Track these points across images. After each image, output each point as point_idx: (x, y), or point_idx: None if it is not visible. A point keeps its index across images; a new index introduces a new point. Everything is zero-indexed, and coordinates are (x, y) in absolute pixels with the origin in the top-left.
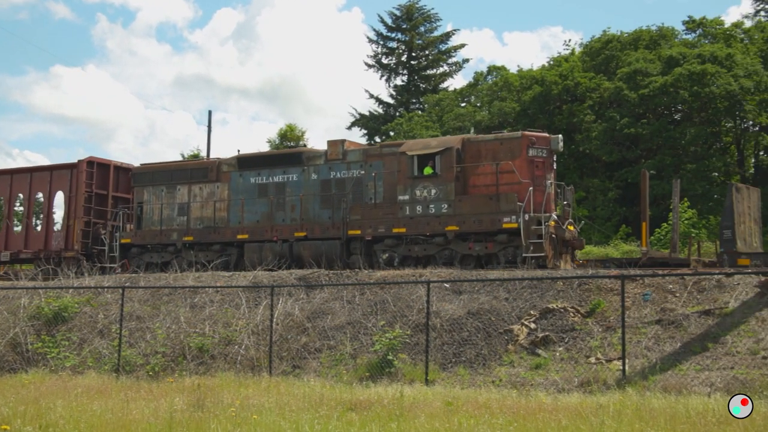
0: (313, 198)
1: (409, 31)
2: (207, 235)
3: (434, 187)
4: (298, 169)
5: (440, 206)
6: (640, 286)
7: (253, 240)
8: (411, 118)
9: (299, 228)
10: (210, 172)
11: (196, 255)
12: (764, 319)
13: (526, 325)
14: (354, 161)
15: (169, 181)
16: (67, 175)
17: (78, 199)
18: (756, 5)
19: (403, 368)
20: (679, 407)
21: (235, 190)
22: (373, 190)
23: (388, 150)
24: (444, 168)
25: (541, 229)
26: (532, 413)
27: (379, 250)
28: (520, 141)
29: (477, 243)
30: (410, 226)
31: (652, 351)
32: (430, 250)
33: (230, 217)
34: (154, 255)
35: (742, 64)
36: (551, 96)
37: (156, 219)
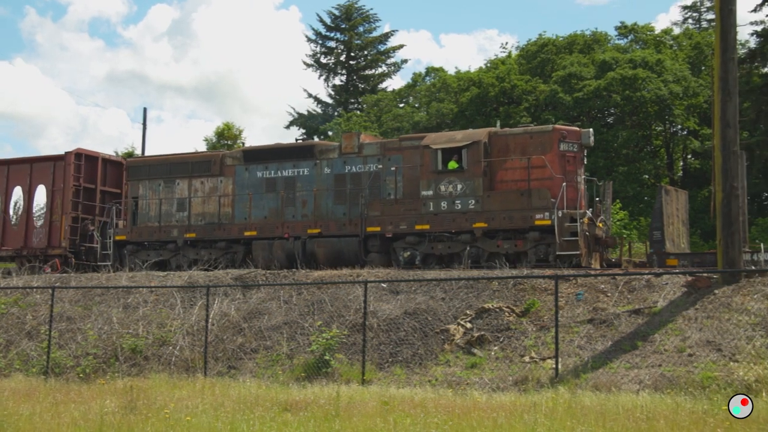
0: (327, 193)
1: (348, 31)
2: (211, 231)
3: (460, 182)
4: (309, 163)
5: (467, 202)
6: (574, 286)
7: (262, 237)
8: (349, 118)
9: (313, 224)
10: (213, 165)
11: (198, 253)
12: (691, 317)
13: (462, 325)
14: (371, 155)
15: (168, 174)
16: (50, 168)
17: (65, 193)
18: (684, 13)
19: (340, 368)
20: (609, 404)
21: (241, 184)
22: (392, 186)
23: (408, 143)
24: (471, 162)
25: (574, 226)
26: (467, 412)
27: (399, 247)
28: (552, 135)
29: (505, 240)
30: (434, 222)
31: (584, 349)
32: (454, 248)
33: (235, 213)
34: (151, 253)
35: (671, 69)
36: (488, 98)
37: (153, 215)
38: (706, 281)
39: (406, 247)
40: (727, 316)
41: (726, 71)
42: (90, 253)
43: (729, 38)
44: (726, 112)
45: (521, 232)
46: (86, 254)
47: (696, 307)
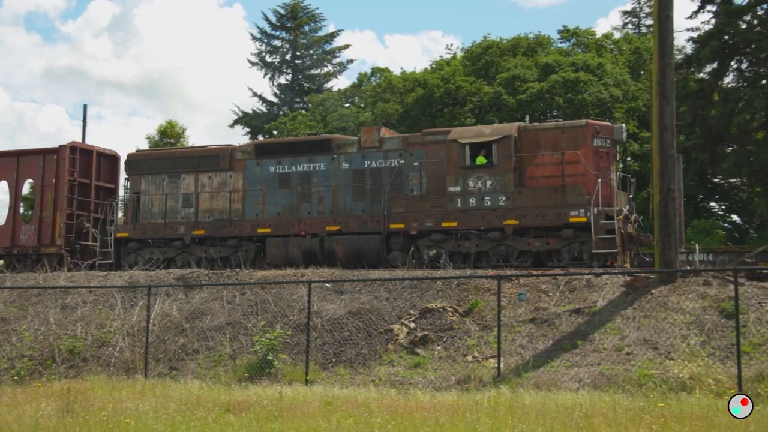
0: (345, 189)
1: (294, 30)
2: (221, 228)
3: (490, 178)
4: (326, 158)
5: (497, 198)
6: (516, 286)
7: (277, 234)
8: (295, 117)
9: (332, 221)
10: (221, 159)
11: (207, 250)
12: (629, 317)
13: (405, 325)
14: (392, 149)
15: (172, 169)
16: (38, 162)
17: (60, 188)
18: (624, 18)
19: (284, 368)
20: (550, 403)
21: (252, 179)
22: (415, 181)
23: (432, 138)
24: (501, 157)
25: (610, 223)
26: (410, 411)
27: (423, 245)
28: (585, 130)
29: (537, 238)
30: (462, 219)
31: (525, 349)
32: (483, 246)
33: (246, 209)
34: (155, 251)
35: (611, 73)
36: (433, 98)
37: (156, 211)
38: (643, 281)
39: (430, 245)
40: (664, 315)
41: (663, 76)
42: (86, 251)
43: (666, 44)
44: (663, 115)
45: (554, 230)
46: (82, 252)
47: (634, 307)
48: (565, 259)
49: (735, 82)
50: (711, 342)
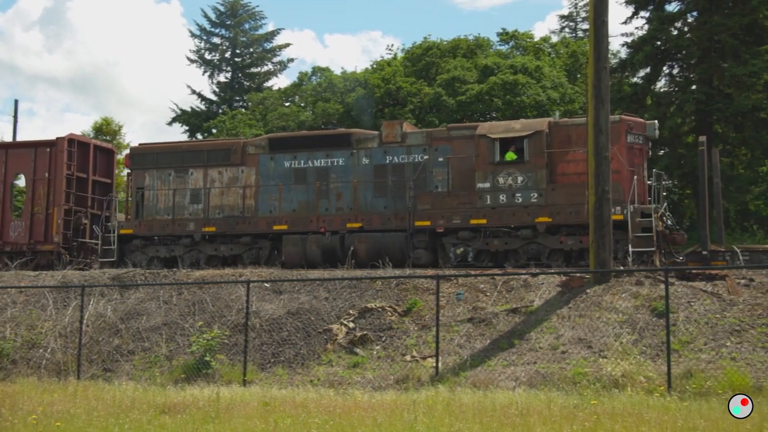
0: (365, 185)
1: (234, 27)
2: (234, 225)
3: (521, 174)
4: (345, 153)
5: (529, 195)
6: (454, 286)
7: (294, 231)
8: (234, 116)
9: (353, 218)
10: (233, 154)
11: (217, 248)
12: (564, 316)
13: (345, 325)
14: (415, 145)
15: (180, 163)
16: (30, 155)
17: (57, 183)
18: (561, 22)
19: (221, 369)
20: (487, 401)
21: (265, 175)
22: (440, 177)
23: (458, 133)
24: (533, 153)
25: (647, 221)
26: (348, 411)
27: (449, 243)
28: (619, 126)
29: (569, 236)
30: (492, 217)
31: (463, 348)
32: (512, 244)
33: (259, 205)
34: (161, 248)
35: (549, 76)
36: (374, 99)
37: (162, 207)
38: (579, 281)
39: (457, 242)
40: (598, 314)
41: (599, 80)
42: (83, 248)
43: (601, 48)
44: (598, 118)
45: (587, 228)
46: (79, 250)
47: (569, 306)
48: None
49: (667, 86)
50: (643, 340)
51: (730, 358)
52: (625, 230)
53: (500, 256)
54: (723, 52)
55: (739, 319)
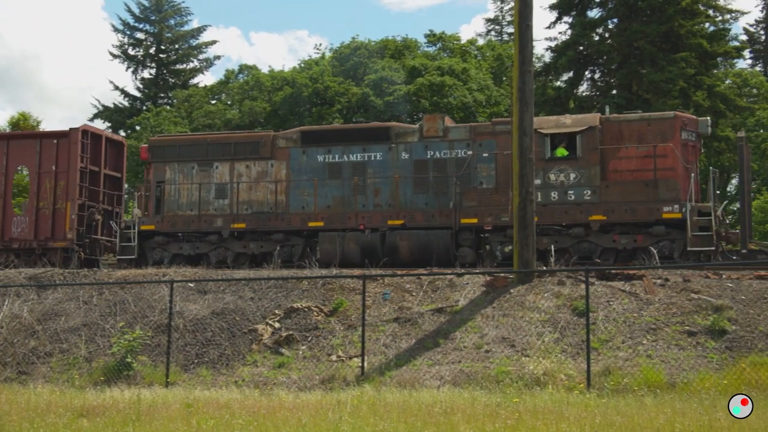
0: (405, 181)
1: (159, 23)
2: (265, 221)
3: (573, 171)
4: (383, 147)
5: (582, 192)
6: (381, 286)
7: (330, 228)
8: (159, 113)
9: (394, 215)
10: (262, 147)
11: (246, 245)
12: (488, 315)
13: (270, 325)
14: (458, 139)
15: (204, 156)
16: (34, 147)
17: (71, 176)
18: (488, 25)
19: (143, 371)
20: (411, 400)
21: (297, 169)
22: (484, 173)
23: (503, 128)
24: (586, 149)
25: (705, 220)
26: (272, 412)
27: (495, 241)
28: (673, 122)
29: (623, 235)
30: (543, 215)
31: (389, 348)
32: (563, 243)
33: (290, 201)
34: (185, 245)
35: (475, 78)
36: (301, 98)
37: (185, 202)
38: (503, 281)
39: (504, 240)
40: (521, 314)
41: (523, 83)
42: (95, 245)
43: (526, 52)
44: (523, 121)
45: (642, 227)
46: (91, 247)
47: (493, 306)
48: (656, 258)
49: (589, 90)
50: (564, 339)
51: (646, 355)
52: (682, 229)
53: (548, 255)
54: (641, 59)
55: (654, 317)
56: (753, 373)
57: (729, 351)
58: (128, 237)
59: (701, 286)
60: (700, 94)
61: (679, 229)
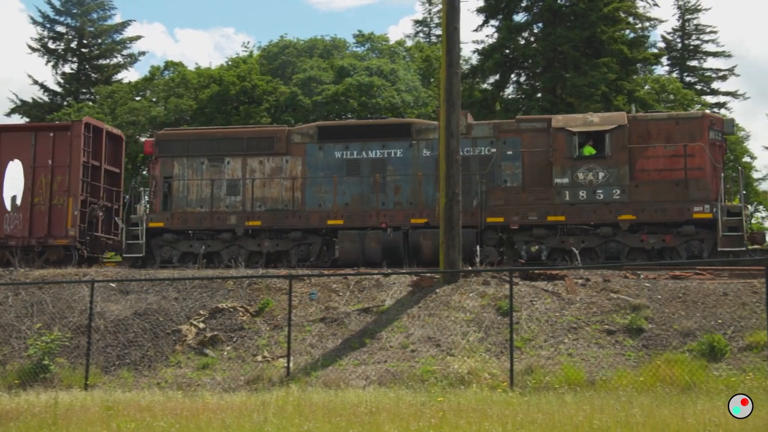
0: (426, 178)
1: (80, 17)
2: (282, 219)
3: (602, 170)
4: (404, 144)
5: (611, 192)
6: (308, 286)
7: (350, 227)
8: (80, 109)
9: (417, 213)
10: (276, 142)
11: (261, 244)
12: (414, 315)
13: (195, 325)
14: (482, 137)
15: (214, 151)
16: (28, 140)
17: (73, 171)
18: (416, 27)
19: (61, 373)
20: (337, 400)
21: (313, 165)
22: (509, 171)
23: (528, 125)
24: (615, 148)
25: (734, 220)
26: (196, 414)
27: (521, 241)
28: (701, 122)
29: (651, 235)
30: (571, 214)
31: (315, 348)
32: (590, 243)
33: (306, 198)
34: (195, 243)
35: (404, 79)
36: (229, 96)
37: (194, 198)
38: (429, 281)
39: (530, 240)
40: (447, 313)
41: (450, 84)
42: (96, 243)
43: (453, 54)
44: (450, 122)
45: (670, 227)
46: (92, 244)
47: (419, 306)
48: (683, 257)
49: (515, 93)
50: (488, 338)
51: (567, 354)
52: (711, 229)
53: (573, 254)
54: (565, 63)
55: (576, 317)
56: (667, 370)
57: (645, 349)
58: (135, 234)
59: (620, 285)
60: (620, 98)
61: (709, 229)
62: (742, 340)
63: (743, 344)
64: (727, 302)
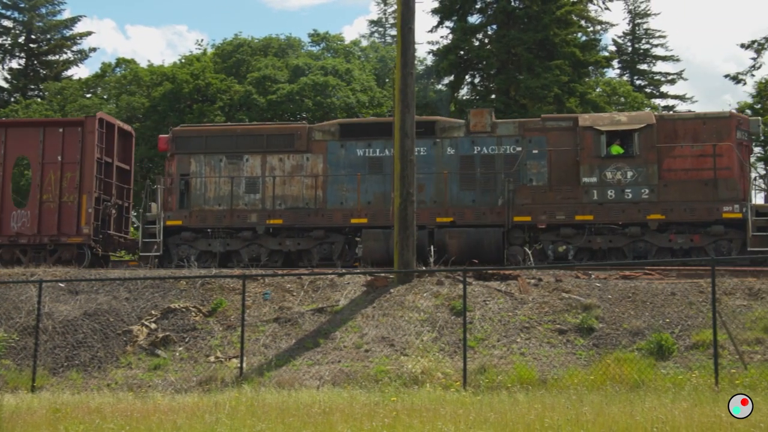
0: (451, 177)
1: (28, 11)
2: (304, 217)
3: (630, 169)
4: (427, 142)
5: (639, 191)
6: (262, 286)
7: (374, 225)
8: (29, 106)
9: (443, 212)
10: (297, 140)
11: (282, 242)
12: (369, 315)
13: (146, 326)
14: (506, 135)
15: (233, 148)
16: (36, 135)
17: (87, 167)
18: (371, 27)
19: (7, 375)
20: (290, 401)
21: (335, 163)
22: (534, 170)
23: (554, 124)
24: (644, 147)
25: (763, 220)
26: (146, 415)
27: (547, 240)
28: (729, 121)
29: (679, 235)
30: (599, 213)
31: (269, 348)
32: (617, 242)
33: (328, 196)
34: (214, 242)
35: (359, 79)
36: (182, 94)
37: (212, 196)
38: (383, 281)
39: (557, 240)
40: (401, 313)
41: (405, 85)
42: (109, 241)
43: (408, 55)
44: (405, 123)
45: (698, 226)
46: (104, 243)
47: (374, 306)
48: (712, 257)
49: (469, 94)
50: (442, 338)
51: (519, 353)
52: (740, 229)
53: (600, 254)
54: (519, 65)
55: (528, 316)
56: (617, 369)
57: (596, 348)
58: (150, 233)
59: (572, 285)
60: (573, 100)
61: (737, 228)
62: (688, 339)
63: (690, 343)
64: (675, 302)
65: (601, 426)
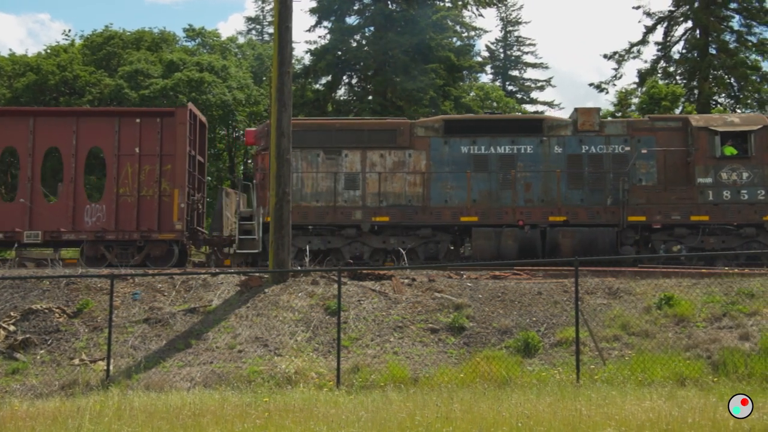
0: (561, 175)
1: None
2: (411, 215)
3: (746, 170)
4: (534, 140)
5: (755, 192)
6: (131, 285)
7: (484, 224)
8: None
9: (555, 211)
10: (399, 136)
11: (386, 241)
12: (242, 315)
13: (4, 328)
14: (614, 134)
15: (330, 143)
16: (112, 126)
17: (179, 161)
18: (248, 24)
19: None
20: (159, 404)
21: (438, 160)
22: (643, 170)
23: (663, 124)
24: (759, 148)
25: None
26: (2, 423)
27: (659, 240)
28: None
29: None
30: (714, 213)
31: (138, 350)
32: (730, 243)
33: (431, 194)
34: (314, 239)
35: (235, 76)
36: (48, 86)
37: (309, 192)
38: (257, 281)
39: (668, 239)
40: (275, 313)
41: (282, 84)
42: (195, 237)
43: (285, 53)
44: (281, 122)
45: None
46: (192, 239)
47: (248, 306)
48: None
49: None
50: (316, 338)
51: (393, 352)
52: None
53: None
54: (396, 67)
55: (402, 316)
56: (486, 366)
57: (467, 346)
58: (246, 229)
59: (444, 285)
60: (447, 104)
61: None
62: (553, 337)
63: (554, 340)
64: (541, 301)
65: (470, 422)
